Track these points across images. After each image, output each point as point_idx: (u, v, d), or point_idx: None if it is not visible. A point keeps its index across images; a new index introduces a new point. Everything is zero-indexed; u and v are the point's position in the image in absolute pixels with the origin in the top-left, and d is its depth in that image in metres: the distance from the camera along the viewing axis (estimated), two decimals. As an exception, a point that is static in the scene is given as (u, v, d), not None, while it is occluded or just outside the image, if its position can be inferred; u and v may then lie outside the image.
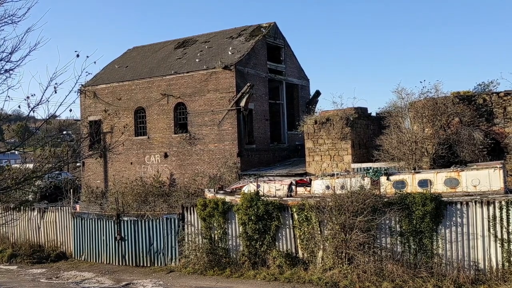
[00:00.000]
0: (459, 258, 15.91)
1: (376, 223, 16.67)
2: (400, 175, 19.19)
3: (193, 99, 31.90)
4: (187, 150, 32.05)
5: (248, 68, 31.49)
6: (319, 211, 17.63)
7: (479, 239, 15.73)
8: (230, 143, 30.34)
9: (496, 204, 15.54)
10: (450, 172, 18.15)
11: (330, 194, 17.98)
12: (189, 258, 20.24)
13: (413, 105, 23.95)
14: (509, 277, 14.95)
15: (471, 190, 17.27)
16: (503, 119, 22.43)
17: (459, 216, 16.02)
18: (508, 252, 15.29)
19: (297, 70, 37.67)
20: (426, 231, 16.23)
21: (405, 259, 16.43)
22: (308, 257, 18.14)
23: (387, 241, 16.90)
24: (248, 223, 18.90)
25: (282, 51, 35.76)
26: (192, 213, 20.71)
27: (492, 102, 22.76)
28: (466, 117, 22.73)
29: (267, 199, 19.11)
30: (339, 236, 16.89)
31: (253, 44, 32.61)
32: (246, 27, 35.69)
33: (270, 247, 18.75)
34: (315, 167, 26.99)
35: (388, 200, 16.96)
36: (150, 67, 35.99)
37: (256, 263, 18.82)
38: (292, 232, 18.65)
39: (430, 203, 15.99)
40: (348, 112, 26.64)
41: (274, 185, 21.66)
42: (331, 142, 26.73)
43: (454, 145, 22.38)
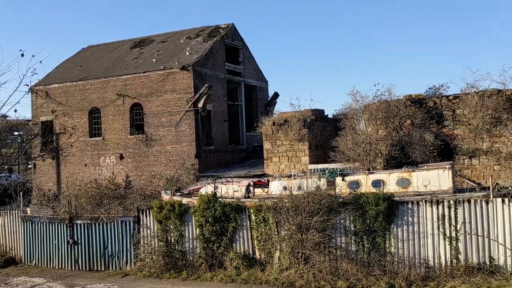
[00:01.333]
0: (410, 256, 16.39)
1: (331, 223, 16.92)
2: (355, 176, 19.58)
3: (149, 100, 31.43)
4: (143, 152, 31.54)
5: (206, 69, 31.35)
6: (276, 212, 17.74)
7: (429, 237, 16.26)
8: (188, 144, 30.09)
9: (445, 203, 16.11)
10: (402, 173, 18.68)
11: (287, 195, 18.12)
12: (144, 261, 19.89)
13: (368, 108, 24.54)
14: (457, 274, 15.51)
15: (422, 190, 17.84)
16: (452, 122, 23.32)
17: (410, 215, 16.51)
18: (456, 250, 15.89)
19: (256, 71, 37.84)
20: (379, 230, 16.63)
21: (359, 257, 16.77)
22: (265, 257, 18.21)
23: (342, 241, 17.19)
24: (205, 225, 18.78)
25: (240, 53, 35.82)
26: (148, 215, 20.37)
27: (442, 105, 23.62)
28: (417, 119, 23.48)
29: (224, 201, 19.04)
30: (295, 236, 17.05)
31: (211, 45, 32.51)
32: (204, 27, 35.54)
33: (227, 248, 18.70)
34: (273, 168, 27.19)
35: (343, 200, 17.26)
36: (105, 66, 35.19)
37: (213, 265, 18.72)
38: (249, 233, 18.67)
39: (382, 203, 16.39)
40: (305, 114, 27.01)
41: (232, 187, 21.63)
42: (289, 144, 27.01)
43: (406, 146, 23.09)
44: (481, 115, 22.04)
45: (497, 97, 21.94)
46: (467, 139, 22.82)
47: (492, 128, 22.28)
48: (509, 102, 22.02)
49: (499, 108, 21.97)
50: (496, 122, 22.21)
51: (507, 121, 22.03)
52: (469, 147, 22.77)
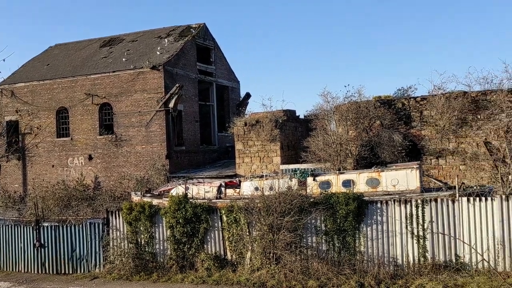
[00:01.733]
0: (379, 254, 16.64)
1: (302, 223, 17.02)
2: (326, 176, 19.77)
3: (119, 100, 30.96)
4: (113, 152, 31.04)
5: (177, 69, 31.10)
6: (247, 213, 17.72)
7: (397, 236, 16.55)
8: (158, 145, 29.78)
9: (413, 202, 16.43)
10: (372, 173, 18.97)
11: (258, 196, 18.12)
12: (114, 263, 19.56)
13: (338, 109, 24.84)
14: (424, 271, 15.84)
15: (391, 189, 18.18)
16: (420, 122, 23.84)
17: (379, 214, 16.77)
18: (424, 248, 16.23)
19: (227, 72, 37.77)
20: (349, 229, 16.83)
21: (330, 257, 16.92)
22: (236, 258, 18.17)
23: (313, 240, 17.32)
24: (176, 226, 18.61)
25: (212, 53, 35.69)
26: (117, 217, 20.04)
27: (410, 106, 24.12)
28: (386, 120, 23.90)
29: (195, 202, 18.91)
30: (267, 236, 17.07)
31: (183, 44, 32.26)
32: (175, 27, 35.24)
33: (198, 250, 18.57)
34: (245, 169, 27.19)
35: (314, 200, 17.39)
36: (73, 65, 34.48)
37: (184, 267, 18.56)
38: (221, 234, 18.60)
39: (352, 203, 16.59)
40: (277, 114, 27.12)
41: (203, 187, 21.52)
42: (261, 144, 27.06)
43: (376, 146, 23.47)
44: (448, 116, 22.59)
45: (462, 99, 22.54)
46: (434, 140, 23.36)
47: (458, 129, 22.88)
48: (474, 103, 22.66)
49: (464, 110, 22.58)
50: (462, 123, 22.82)
51: (472, 122, 22.67)
52: (436, 148, 23.31)
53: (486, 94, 22.56)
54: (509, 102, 21.92)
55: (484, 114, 22.43)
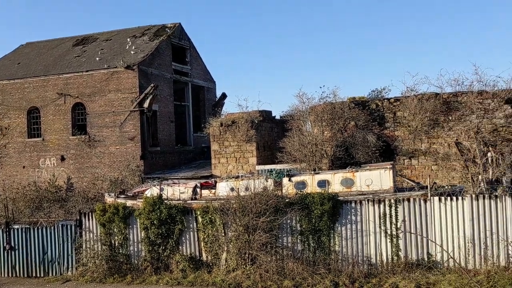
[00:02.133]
0: (354, 254, 16.82)
1: (278, 223, 17.08)
2: (301, 176, 19.88)
3: (92, 100, 30.50)
4: (86, 153, 30.54)
5: (152, 69, 30.82)
6: (223, 213, 17.68)
7: (371, 235, 16.77)
8: (133, 145, 29.44)
9: (386, 202, 16.67)
10: (346, 173, 19.17)
11: (234, 196, 18.12)
12: (87, 266, 19.25)
13: (314, 109, 25.02)
14: (397, 270, 16.09)
15: (365, 189, 18.40)
16: (393, 123, 24.20)
17: (353, 214, 16.96)
18: (397, 247, 16.49)
19: (203, 72, 37.62)
20: (324, 229, 16.96)
21: (305, 257, 17.02)
22: (212, 259, 18.11)
23: (288, 240, 17.39)
24: (150, 228, 18.43)
25: (187, 52, 35.49)
26: (90, 219, 19.73)
27: (383, 107, 24.46)
28: (361, 121, 24.19)
29: (170, 203, 18.78)
30: (242, 237, 17.07)
31: (158, 44, 31.99)
32: (150, 26, 34.91)
33: (173, 251, 18.44)
34: (221, 169, 27.12)
35: (290, 200, 17.47)
36: (45, 64, 33.78)
37: (158, 268, 18.40)
38: (196, 235, 18.50)
39: (327, 203, 16.73)
40: (253, 115, 27.13)
41: (179, 188, 21.38)
42: (237, 145, 27.03)
43: (350, 147, 23.73)
44: (420, 117, 23.00)
45: (434, 100, 22.98)
46: (407, 140, 23.75)
47: (430, 129, 23.31)
48: (446, 105, 23.12)
49: (436, 111, 23.01)
50: (433, 124, 23.26)
51: (443, 123, 23.13)
52: (409, 148, 23.70)
53: (457, 95, 23.05)
54: (479, 104, 22.45)
55: (455, 115, 22.91)
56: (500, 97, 22.10)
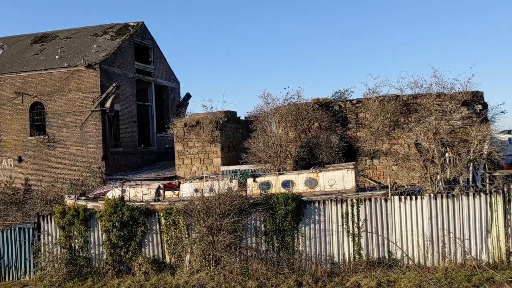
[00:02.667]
0: (317, 253, 17.00)
1: (242, 224, 17.07)
2: (266, 177, 19.94)
3: (52, 99, 29.64)
4: (45, 154, 29.64)
5: (114, 68, 30.22)
6: (187, 215, 17.52)
7: (334, 235, 16.99)
8: (94, 146, 28.77)
9: (349, 202, 16.94)
10: (310, 173, 19.36)
11: (198, 197, 18.00)
12: (46, 270, 18.69)
13: (278, 110, 25.15)
14: (359, 268, 16.37)
15: (328, 189, 18.62)
16: (356, 124, 24.62)
17: (317, 214, 17.14)
18: (359, 246, 16.77)
19: (167, 71, 37.18)
20: (288, 229, 17.07)
21: (269, 257, 17.08)
22: (175, 261, 17.92)
23: (252, 241, 17.40)
24: (112, 230, 18.07)
25: (151, 52, 35.00)
26: (49, 221, 19.17)
27: (346, 108, 24.84)
28: (324, 122, 24.49)
29: (133, 205, 18.48)
30: (206, 238, 16.96)
31: (120, 43, 31.41)
32: (112, 24, 34.23)
33: (136, 253, 18.14)
34: (185, 170, 26.86)
35: (254, 201, 17.49)
36: (1, 62, 32.61)
37: (120, 271, 18.06)
38: (159, 237, 18.27)
39: (291, 203, 16.85)
40: (218, 115, 27.01)
41: (141, 190, 21.05)
42: (201, 145, 26.84)
43: (314, 147, 23.98)
44: (381, 118, 23.49)
45: (395, 102, 23.51)
46: (369, 141, 24.20)
47: (391, 131, 23.84)
48: (406, 106, 23.70)
49: (397, 112, 23.56)
50: (394, 125, 23.80)
51: (404, 125, 23.70)
52: (371, 149, 24.16)
53: (416, 97, 23.66)
54: (437, 106, 23.12)
55: (415, 116, 23.51)
56: (457, 99, 22.84)
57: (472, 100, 22.88)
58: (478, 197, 16.13)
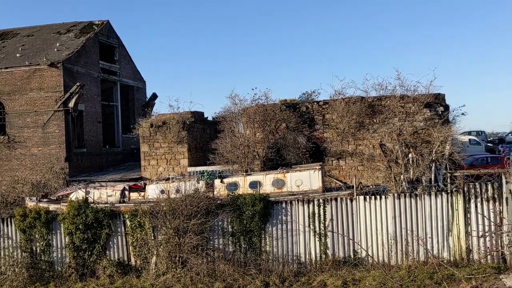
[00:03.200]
0: (284, 253, 17.08)
1: (209, 225, 16.98)
2: (233, 178, 19.91)
3: (12, 98, 28.73)
4: (5, 155, 28.68)
5: (78, 67, 29.54)
6: (153, 216, 17.30)
7: (301, 235, 17.12)
8: (56, 147, 28.03)
9: (315, 202, 17.10)
10: (277, 174, 19.45)
11: (164, 199, 17.81)
12: (5, 274, 18.11)
13: (246, 111, 25.15)
14: (325, 268, 16.55)
15: (295, 190, 18.76)
16: (322, 126, 24.90)
17: (284, 214, 17.22)
18: (325, 245, 16.95)
19: (133, 71, 36.61)
20: (255, 230, 17.09)
21: (236, 258, 17.05)
22: (141, 264, 17.67)
23: (219, 242, 17.34)
24: (75, 233, 17.66)
25: (116, 51, 34.39)
26: (9, 224, 18.57)
27: (313, 110, 25.09)
28: (292, 123, 24.66)
29: (97, 206, 18.13)
30: (173, 240, 16.79)
31: (84, 41, 30.73)
32: (76, 22, 33.46)
33: (100, 256, 17.78)
34: (151, 172, 26.50)
35: (221, 202, 17.44)
36: (-42, 59, 31.29)
37: (84, 275, 17.68)
38: (124, 239, 17.97)
39: (259, 203, 16.87)
40: (184, 116, 26.77)
41: (106, 191, 20.70)
42: (168, 146, 26.54)
43: (282, 148, 24.10)
44: (347, 119, 23.84)
45: (360, 104, 23.91)
46: (335, 142, 24.52)
47: (356, 132, 24.23)
48: (371, 108, 24.13)
49: (362, 114, 23.96)
50: (360, 126, 24.20)
51: (369, 126, 24.12)
52: (337, 149, 24.49)
53: (381, 99, 24.13)
54: (401, 108, 23.65)
55: (379, 118, 23.97)
56: (420, 101, 23.42)
57: (434, 102, 23.51)
58: (439, 196, 16.58)
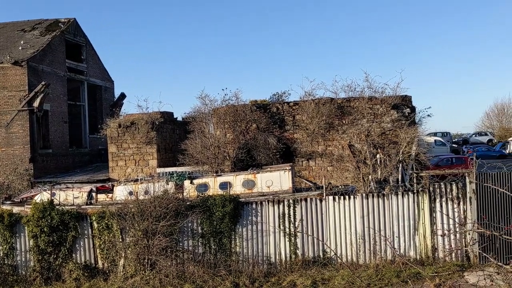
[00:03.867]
0: (254, 254, 17.08)
1: (179, 227, 16.82)
2: (203, 179, 19.78)
3: (-26, 97, 27.69)
4: (-34, 156, 27.62)
5: (43, 65, 28.78)
6: (121, 218, 17.00)
7: (271, 235, 17.15)
8: (21, 147, 27.22)
9: (285, 202, 17.17)
10: (248, 175, 19.43)
11: (132, 200, 17.53)
12: (-35, 280, 17.41)
13: (216, 112, 25.04)
14: (295, 268, 16.63)
15: (265, 190, 18.78)
16: (293, 126, 25.03)
17: (254, 215, 17.22)
18: (295, 245, 17.04)
19: (100, 70, 35.92)
20: (225, 231, 17.02)
21: (206, 259, 16.94)
22: (108, 266, 17.34)
23: (189, 244, 17.19)
24: (40, 236, 17.19)
25: (83, 50, 33.69)
26: (-30, 228, 17.88)
27: (284, 110, 25.20)
28: (262, 123, 24.69)
29: (63, 208, 17.72)
30: (141, 242, 16.54)
31: (50, 39, 29.98)
32: (41, 20, 32.61)
33: (66, 259, 17.36)
34: (119, 173, 26.06)
35: (191, 203, 17.29)
36: None
37: (49, 278, 17.23)
38: (91, 242, 17.60)
39: (229, 204, 16.82)
40: (154, 116, 26.44)
41: (72, 193, 20.24)
42: (136, 147, 26.16)
43: (252, 149, 24.10)
44: (317, 120, 24.05)
45: (330, 105, 24.16)
46: (305, 143, 24.69)
47: (326, 132, 24.47)
48: (340, 109, 24.43)
49: (331, 115, 24.22)
50: (329, 127, 24.45)
51: (338, 127, 24.40)
52: (307, 150, 24.67)
53: (350, 101, 24.46)
54: (369, 109, 24.02)
55: (348, 119, 24.28)
56: (388, 103, 23.85)
57: (401, 104, 23.99)
58: (406, 196, 16.91)
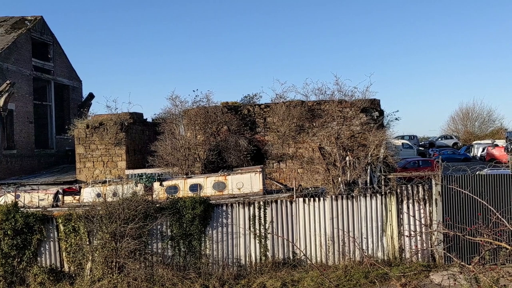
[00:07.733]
0: (224, 256, 17.03)
1: (147, 229, 16.61)
2: (173, 181, 19.60)
3: None
4: None
5: (8, 64, 27.98)
6: (88, 221, 16.67)
7: (241, 237, 17.14)
8: (-17, 148, 26.33)
9: (256, 204, 17.20)
10: (218, 177, 19.36)
11: (100, 202, 17.21)
12: None
13: (187, 113, 24.85)
14: (265, 270, 16.66)
15: (236, 192, 18.75)
16: (264, 128, 25.09)
17: (225, 217, 17.17)
18: (265, 247, 17.08)
19: (68, 70, 35.18)
20: (195, 233, 16.91)
21: (175, 262, 16.79)
22: (75, 270, 16.97)
23: (158, 246, 16.99)
24: (3, 239, 16.68)
25: (50, 48, 32.92)
26: None
27: (255, 113, 25.24)
28: (233, 125, 24.65)
29: (27, 211, 17.24)
30: (109, 245, 16.25)
31: (15, 37, 29.18)
32: (7, 17, 31.73)
33: (30, 263, 16.89)
34: (87, 174, 25.55)
35: (160, 205, 17.10)
36: None
37: (13, 283, 16.74)
38: (57, 245, 17.18)
39: (199, 206, 16.71)
40: (123, 117, 26.06)
41: (38, 195, 19.69)
42: (105, 148, 25.70)
43: (223, 151, 24.02)
44: (288, 123, 24.18)
45: (300, 107, 24.35)
46: (276, 145, 24.79)
47: (296, 135, 24.63)
48: (311, 112, 24.64)
49: (302, 117, 24.40)
50: (300, 130, 24.62)
51: (308, 129, 24.60)
52: (278, 152, 24.77)
53: (320, 104, 24.71)
54: (339, 112, 24.32)
55: (319, 122, 24.52)
56: (357, 106, 24.21)
57: (370, 107, 24.39)
58: (374, 198, 17.20)
